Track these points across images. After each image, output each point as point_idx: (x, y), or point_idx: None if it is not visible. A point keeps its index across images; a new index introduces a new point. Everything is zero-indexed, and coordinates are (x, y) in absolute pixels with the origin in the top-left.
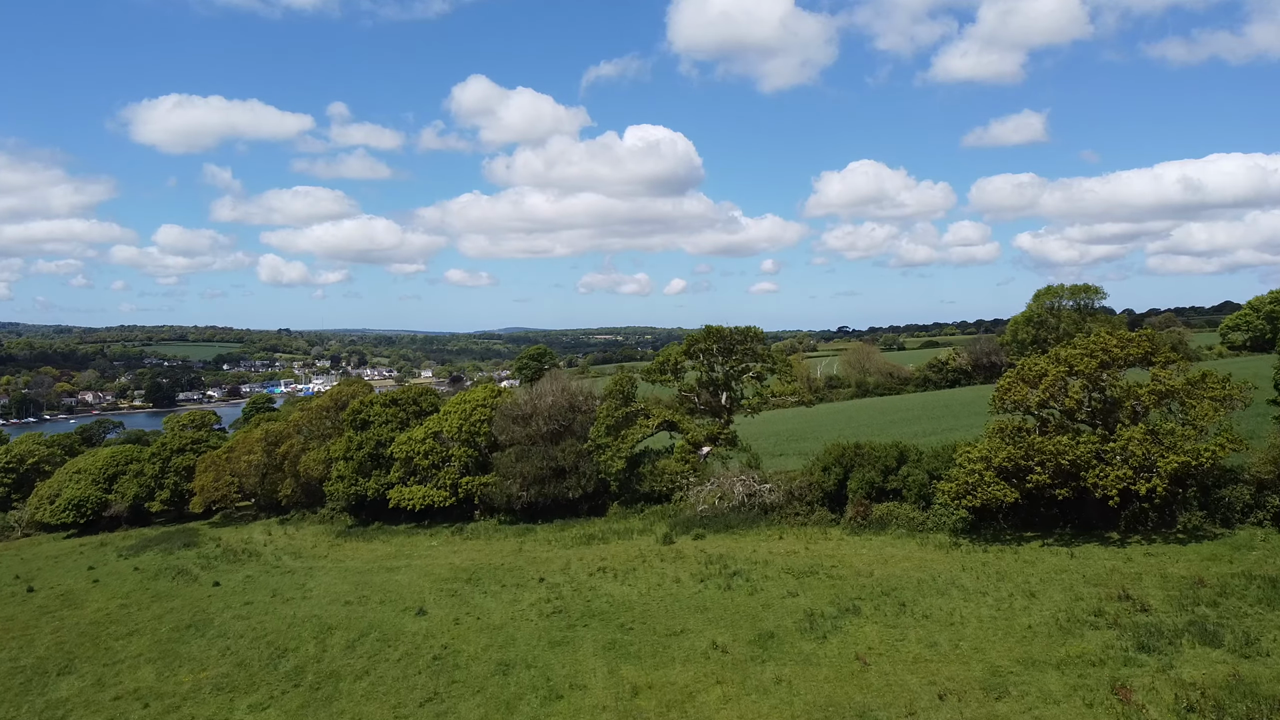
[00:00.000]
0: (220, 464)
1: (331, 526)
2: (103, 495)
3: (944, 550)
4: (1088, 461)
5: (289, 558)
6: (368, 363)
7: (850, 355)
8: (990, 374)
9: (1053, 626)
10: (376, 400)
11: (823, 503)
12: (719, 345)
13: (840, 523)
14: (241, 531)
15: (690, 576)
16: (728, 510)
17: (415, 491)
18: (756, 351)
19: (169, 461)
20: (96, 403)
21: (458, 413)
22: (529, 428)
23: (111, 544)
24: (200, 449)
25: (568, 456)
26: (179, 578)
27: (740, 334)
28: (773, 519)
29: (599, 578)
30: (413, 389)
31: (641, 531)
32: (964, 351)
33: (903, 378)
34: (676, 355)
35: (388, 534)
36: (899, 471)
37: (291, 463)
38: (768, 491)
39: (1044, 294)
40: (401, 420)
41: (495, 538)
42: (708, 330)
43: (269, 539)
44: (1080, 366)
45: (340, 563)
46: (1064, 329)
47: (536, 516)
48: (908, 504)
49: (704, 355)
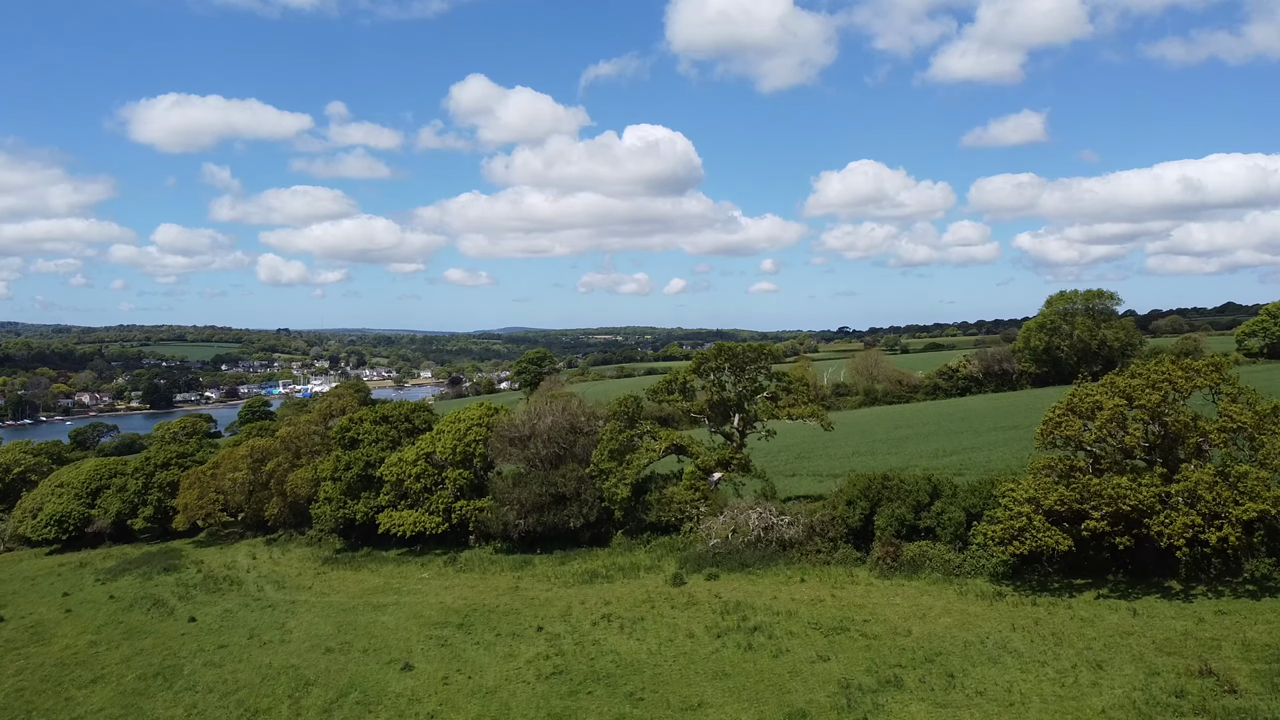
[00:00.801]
0: (205, 481)
1: (319, 550)
2: (85, 510)
3: (987, 601)
4: (1151, 506)
5: (271, 588)
6: (367, 363)
7: (857, 362)
8: (1001, 381)
9: (1130, 711)
10: (366, 417)
11: (847, 539)
12: (730, 363)
13: (867, 563)
14: (226, 553)
15: (705, 630)
16: (743, 546)
17: (406, 516)
18: (770, 370)
19: (153, 477)
20: (93, 404)
21: (451, 432)
22: (527, 450)
23: (91, 565)
24: (186, 463)
25: (568, 482)
26: (154, 610)
27: (753, 351)
28: (792, 557)
29: (603, 628)
30: (405, 405)
31: (649, 568)
32: (974, 359)
33: (912, 385)
34: (684, 374)
35: (377, 561)
36: (932, 508)
37: (278, 481)
38: (786, 525)
39: (1057, 300)
40: (392, 439)
41: (490, 570)
42: (718, 348)
43: (253, 563)
44: (1141, 399)
45: (325, 596)
46: (1078, 336)
47: (535, 545)
48: (942, 544)
49: (714, 374)
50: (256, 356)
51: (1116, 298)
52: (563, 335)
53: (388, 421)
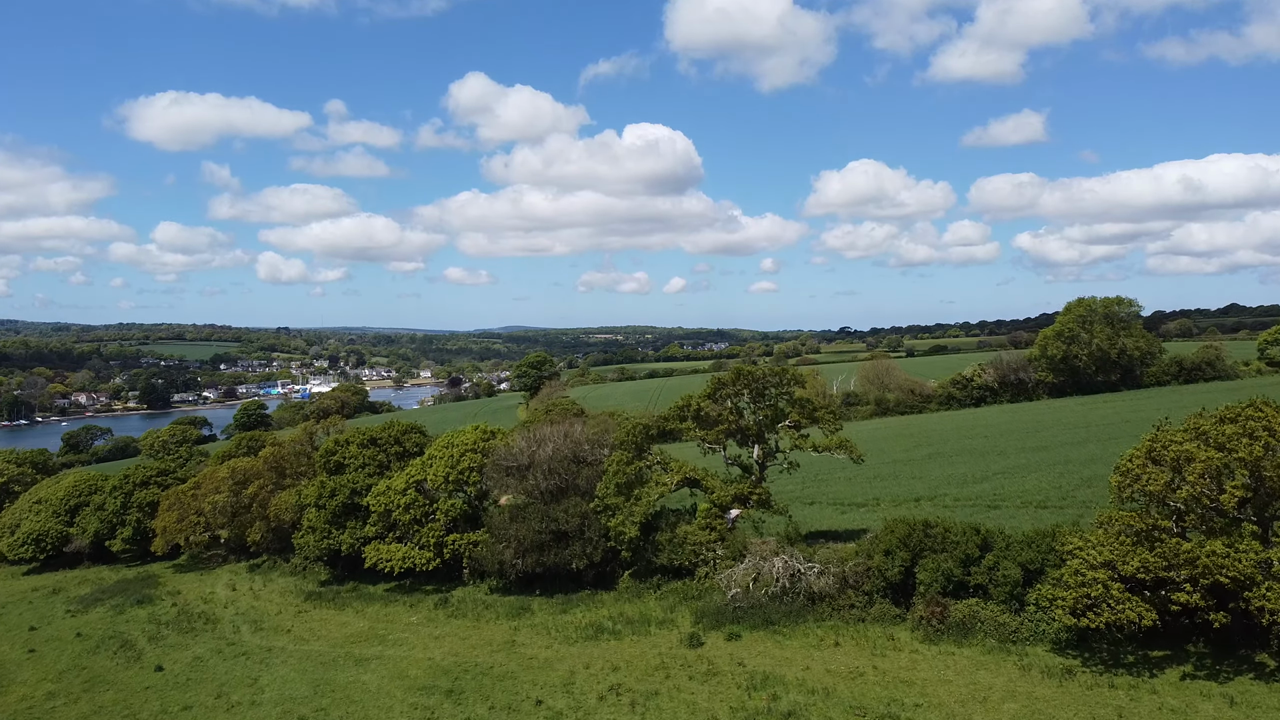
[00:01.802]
0: (185, 502)
1: (303, 581)
2: (64, 529)
3: (1055, 681)
4: (1250, 576)
5: (248, 628)
6: (366, 363)
7: (867, 370)
8: (1017, 391)
9: None
10: (353, 440)
11: (885, 594)
12: (749, 388)
13: (908, 621)
14: (206, 580)
15: (731, 713)
16: (766, 599)
17: (394, 551)
18: (794, 396)
19: (131, 496)
20: (90, 404)
21: (444, 458)
22: (526, 481)
23: (65, 591)
24: (166, 481)
25: (571, 518)
26: (121, 653)
27: (774, 376)
28: (822, 612)
29: (612, 705)
30: (395, 426)
31: (661, 622)
32: (989, 368)
33: (925, 395)
34: (698, 399)
35: (363, 599)
36: (982, 562)
37: (261, 505)
38: (815, 575)
39: (1075, 307)
40: (381, 464)
41: (485, 617)
42: (736, 372)
43: (232, 595)
44: (1240, 450)
45: (304, 643)
46: (1097, 344)
47: (534, 585)
48: (995, 605)
49: (731, 400)
50: (255, 356)
51: (1137, 305)
52: (562, 334)
53: (376, 445)
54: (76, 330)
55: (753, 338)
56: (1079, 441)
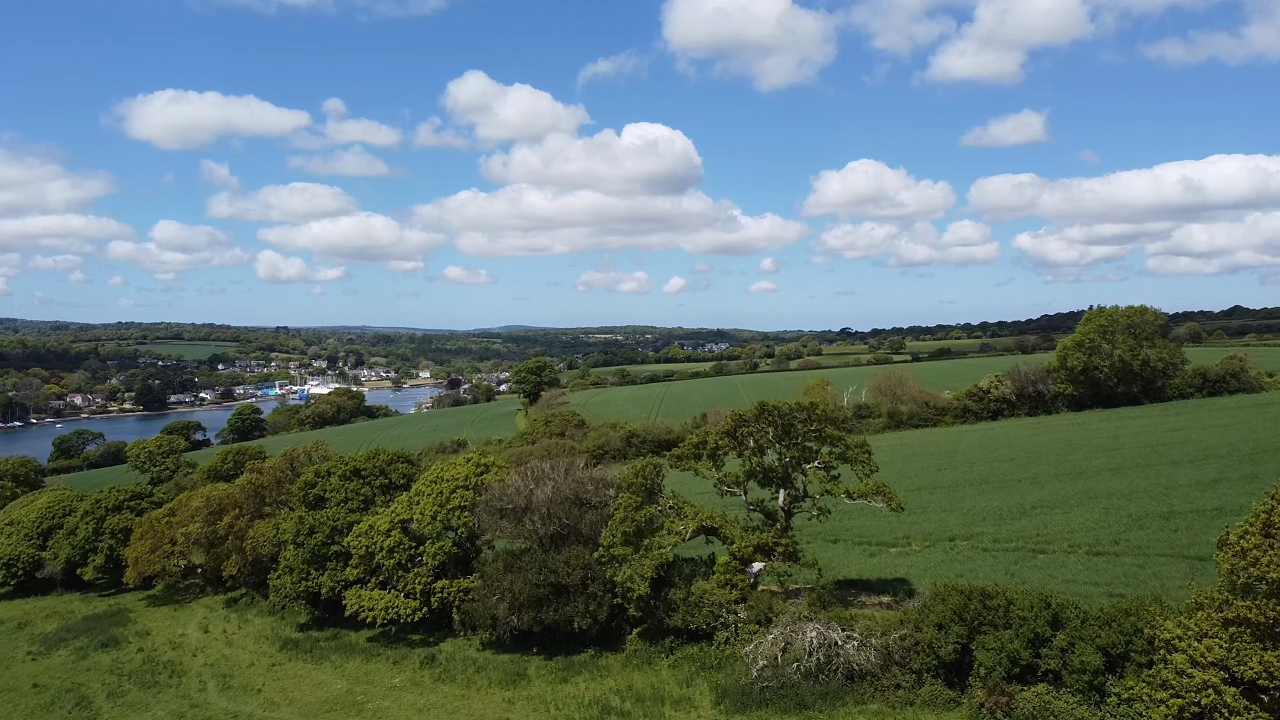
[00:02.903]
0: (159, 530)
1: (280, 623)
2: (36, 553)
3: None
4: None
5: (215, 684)
6: (365, 363)
7: (879, 380)
8: (1035, 404)
9: None
10: (335, 470)
11: (936, 673)
12: (774, 425)
13: (964, 706)
14: (178, 618)
15: None
16: (798, 676)
17: (377, 599)
18: (825, 433)
19: (104, 522)
20: (85, 405)
21: (431, 495)
22: (522, 525)
23: (32, 625)
24: (140, 506)
25: (573, 570)
26: (76, 712)
27: (803, 411)
28: (863, 692)
29: None
30: (381, 456)
31: (677, 701)
32: (1006, 379)
33: (940, 407)
34: (715, 437)
35: (343, 651)
36: (1053, 642)
37: (238, 536)
38: (854, 648)
39: (1096, 316)
40: (365, 498)
41: (476, 683)
42: (760, 407)
43: (203, 639)
44: None
45: (273, 708)
46: (1119, 355)
47: (531, 641)
48: (1070, 694)
49: (753, 438)
50: (254, 356)
51: (1161, 315)
52: (562, 334)
53: (359, 476)
54: (75, 329)
55: (753, 338)
56: (1116, 468)
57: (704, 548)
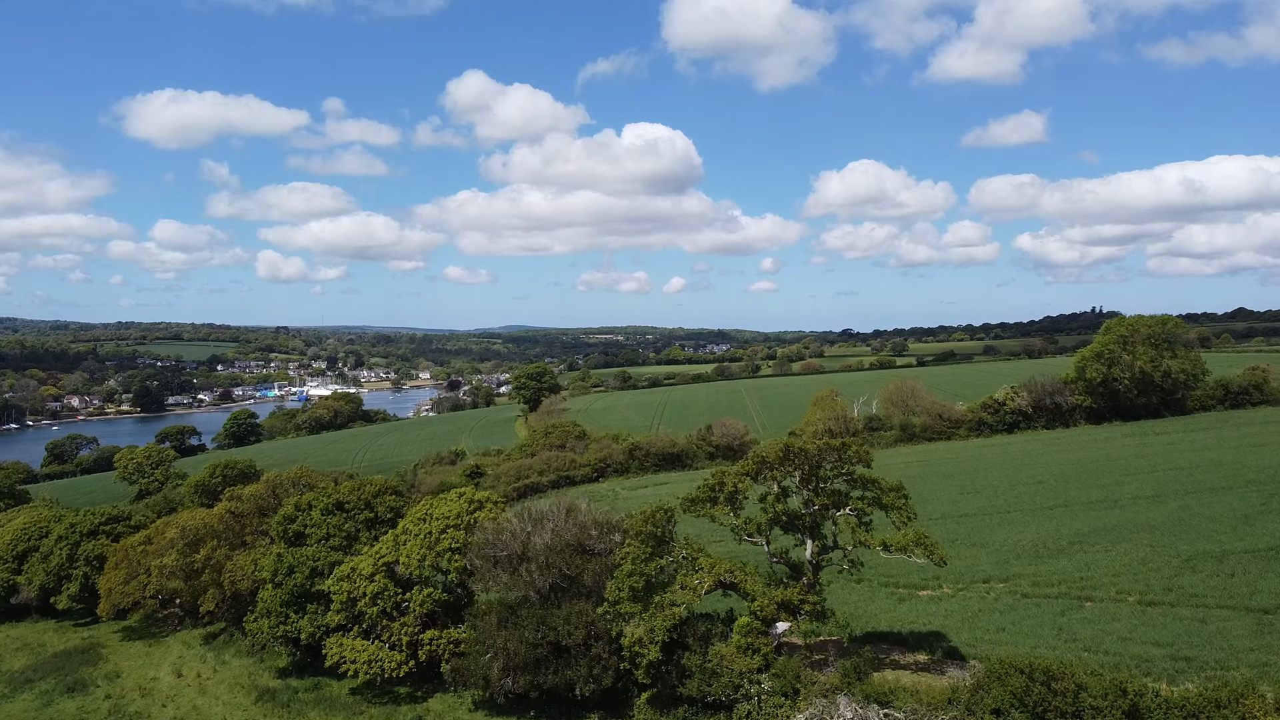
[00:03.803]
0: (134, 559)
1: (260, 666)
2: (11, 578)
3: None
4: None
5: None
6: (364, 364)
7: (891, 392)
8: (1053, 416)
9: None
10: (316, 503)
11: None
12: (801, 468)
13: None
14: (152, 656)
15: None
16: None
17: (360, 651)
18: (857, 476)
19: (78, 547)
20: (82, 407)
21: (420, 537)
22: (518, 575)
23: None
24: (117, 531)
25: (574, 630)
26: None
27: (833, 452)
28: None
29: None
30: (367, 487)
31: None
32: (1023, 390)
33: (954, 420)
34: (734, 478)
35: (323, 707)
36: None
37: (215, 569)
38: None
39: (1116, 326)
40: (348, 534)
41: None
42: (786, 448)
43: (175, 685)
44: None
45: None
46: (1139, 367)
47: (528, 705)
48: None
49: (777, 482)
50: (253, 356)
51: (1184, 325)
52: (563, 335)
53: (343, 510)
54: (75, 329)
55: (754, 339)
56: (1153, 496)
57: (721, 601)
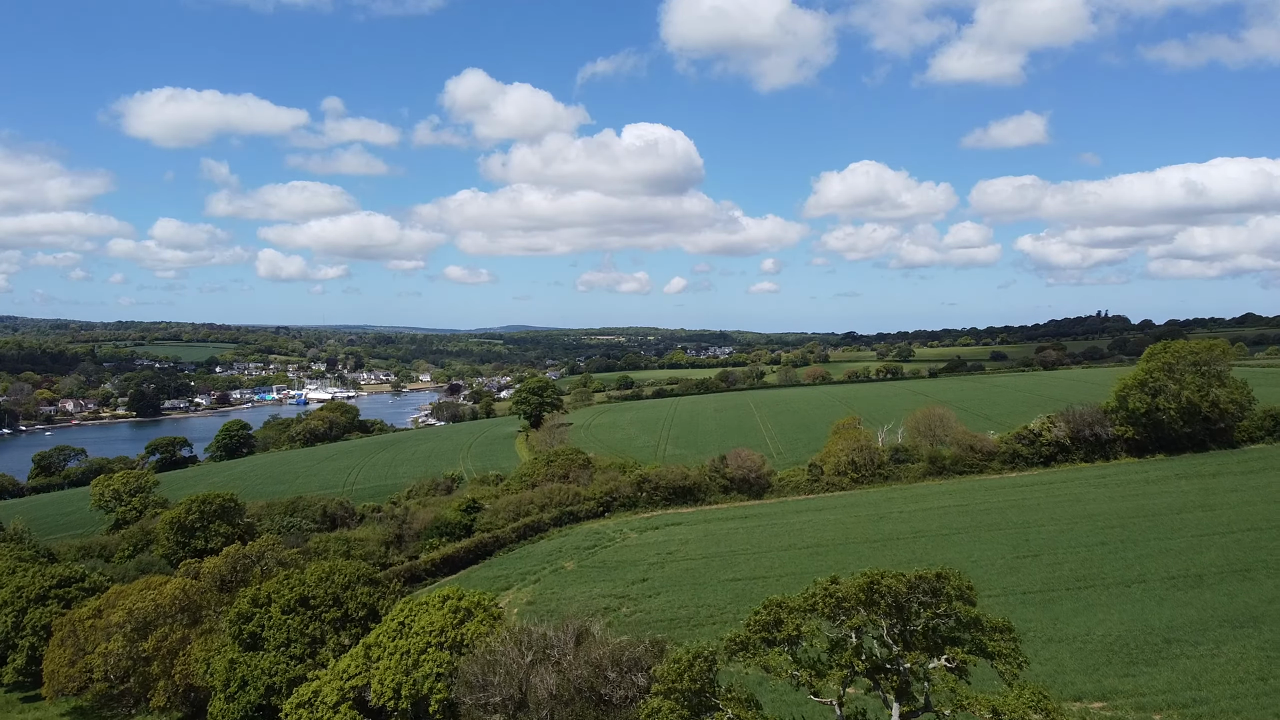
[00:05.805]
0: (81, 634)
1: None
2: None
3: None
4: None
5: None
6: (364, 366)
7: (919, 420)
8: (1092, 448)
9: None
10: (277, 598)
11: None
12: (886, 606)
13: None
14: None
15: None
16: None
17: None
18: (958, 616)
19: (25, 615)
20: (77, 411)
21: (395, 656)
22: None
23: None
24: (69, 595)
25: None
26: None
27: (927, 585)
28: None
29: None
30: (337, 577)
31: None
32: (1060, 420)
33: (986, 452)
34: (796, 618)
35: None
36: None
37: (168, 657)
38: None
39: (1160, 352)
40: (313, 637)
41: None
42: (869, 585)
43: None
44: None
45: None
46: (1186, 396)
47: None
48: None
49: (854, 630)
50: (252, 358)
51: (1231, 351)
52: (564, 335)
53: (308, 607)
54: (75, 328)
55: (756, 340)
56: (1242, 569)
57: None
